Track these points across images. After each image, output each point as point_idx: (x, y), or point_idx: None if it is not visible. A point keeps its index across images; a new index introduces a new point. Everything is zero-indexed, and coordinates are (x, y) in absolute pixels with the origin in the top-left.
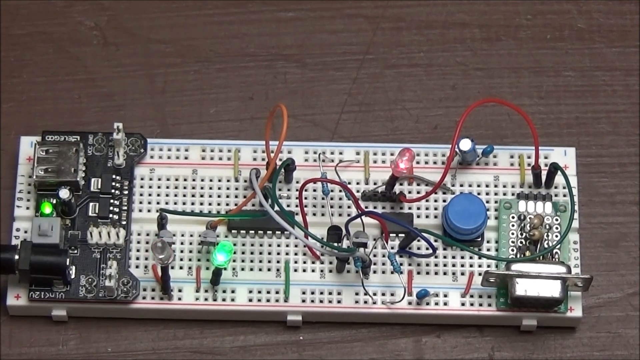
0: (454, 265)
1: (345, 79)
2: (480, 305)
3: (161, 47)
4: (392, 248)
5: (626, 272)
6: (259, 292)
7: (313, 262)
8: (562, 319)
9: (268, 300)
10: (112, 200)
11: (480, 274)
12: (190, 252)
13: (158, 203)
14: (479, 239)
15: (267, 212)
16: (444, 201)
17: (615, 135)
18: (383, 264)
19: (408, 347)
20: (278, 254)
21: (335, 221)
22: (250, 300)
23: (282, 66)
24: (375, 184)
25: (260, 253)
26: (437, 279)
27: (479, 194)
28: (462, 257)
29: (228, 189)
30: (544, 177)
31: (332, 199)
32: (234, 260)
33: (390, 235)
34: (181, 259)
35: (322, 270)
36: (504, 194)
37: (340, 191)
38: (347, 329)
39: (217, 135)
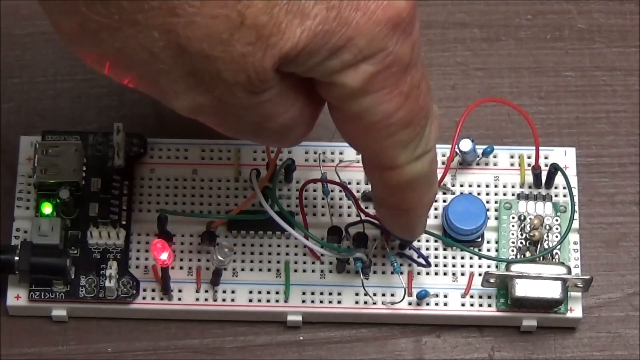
0: (454, 266)
1: None
2: (480, 305)
3: None
4: (392, 249)
5: (626, 272)
6: (259, 292)
7: (313, 263)
8: (562, 320)
9: (268, 301)
10: (112, 201)
11: (480, 275)
12: (190, 252)
13: (158, 203)
14: (479, 240)
15: (267, 213)
16: (444, 201)
17: (615, 135)
18: (383, 265)
19: (408, 347)
20: (278, 254)
21: (336, 221)
22: (251, 300)
23: None
24: None
25: (261, 253)
26: (437, 279)
27: (479, 194)
28: (462, 258)
29: (228, 189)
30: (544, 178)
31: (332, 199)
32: (234, 261)
33: (390, 235)
34: (181, 259)
35: (322, 271)
36: (504, 195)
37: (340, 191)
38: (347, 329)
39: (217, 135)
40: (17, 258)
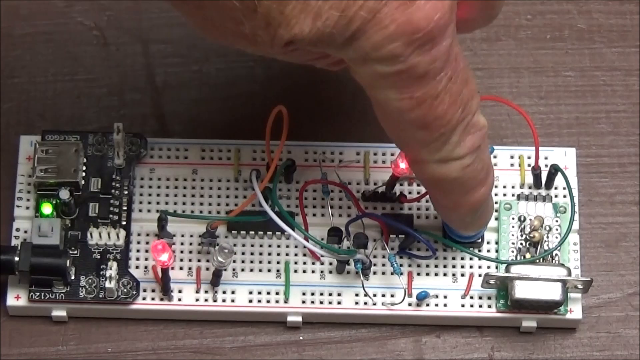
0: (454, 267)
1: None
2: (480, 306)
3: (161, 47)
4: (392, 249)
5: (626, 272)
6: (259, 293)
7: (313, 263)
8: (561, 321)
9: (268, 301)
10: (112, 201)
11: (480, 276)
12: (190, 252)
13: (158, 203)
14: (479, 241)
15: (267, 214)
16: None
17: (615, 135)
18: (383, 265)
19: (408, 347)
20: (278, 254)
21: (336, 222)
22: (251, 301)
23: (283, 66)
24: (375, 184)
25: (261, 254)
26: (437, 280)
27: None
28: (462, 259)
29: (228, 189)
30: (544, 178)
31: (332, 199)
32: (234, 261)
33: (391, 236)
34: (181, 260)
35: (322, 271)
36: (504, 195)
37: (340, 191)
38: (347, 329)
39: (217, 135)
40: (17, 258)
